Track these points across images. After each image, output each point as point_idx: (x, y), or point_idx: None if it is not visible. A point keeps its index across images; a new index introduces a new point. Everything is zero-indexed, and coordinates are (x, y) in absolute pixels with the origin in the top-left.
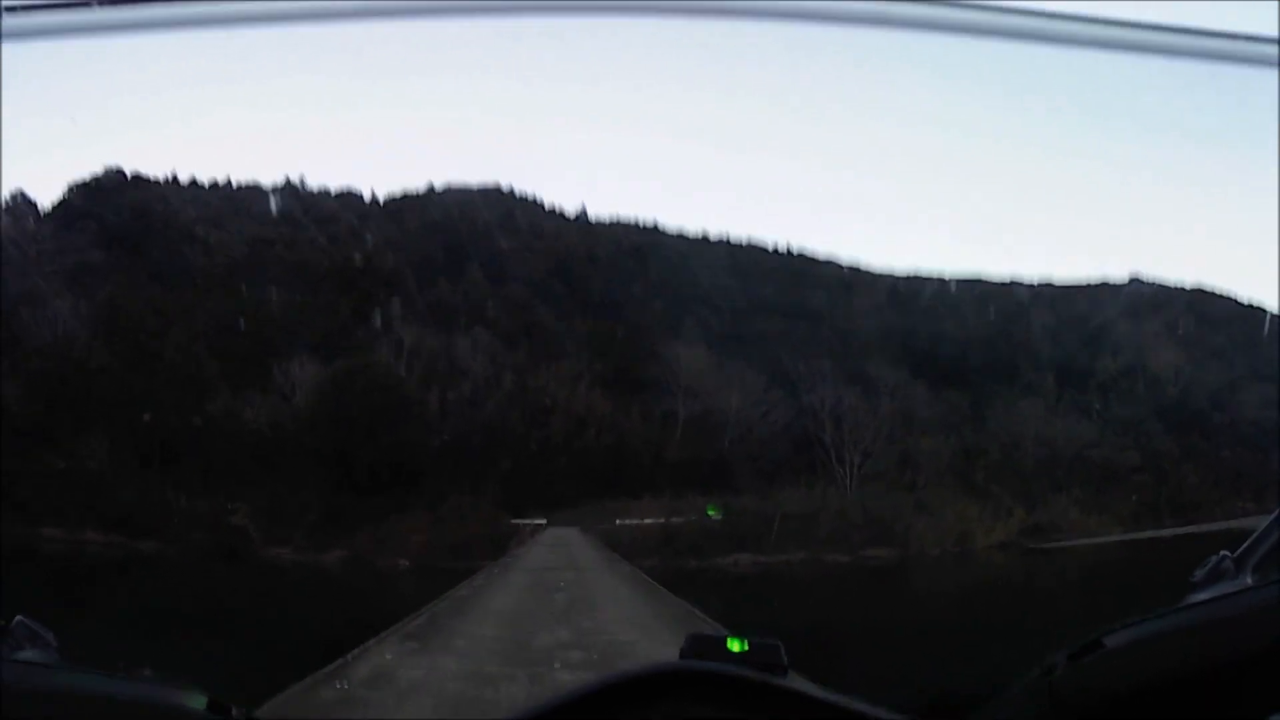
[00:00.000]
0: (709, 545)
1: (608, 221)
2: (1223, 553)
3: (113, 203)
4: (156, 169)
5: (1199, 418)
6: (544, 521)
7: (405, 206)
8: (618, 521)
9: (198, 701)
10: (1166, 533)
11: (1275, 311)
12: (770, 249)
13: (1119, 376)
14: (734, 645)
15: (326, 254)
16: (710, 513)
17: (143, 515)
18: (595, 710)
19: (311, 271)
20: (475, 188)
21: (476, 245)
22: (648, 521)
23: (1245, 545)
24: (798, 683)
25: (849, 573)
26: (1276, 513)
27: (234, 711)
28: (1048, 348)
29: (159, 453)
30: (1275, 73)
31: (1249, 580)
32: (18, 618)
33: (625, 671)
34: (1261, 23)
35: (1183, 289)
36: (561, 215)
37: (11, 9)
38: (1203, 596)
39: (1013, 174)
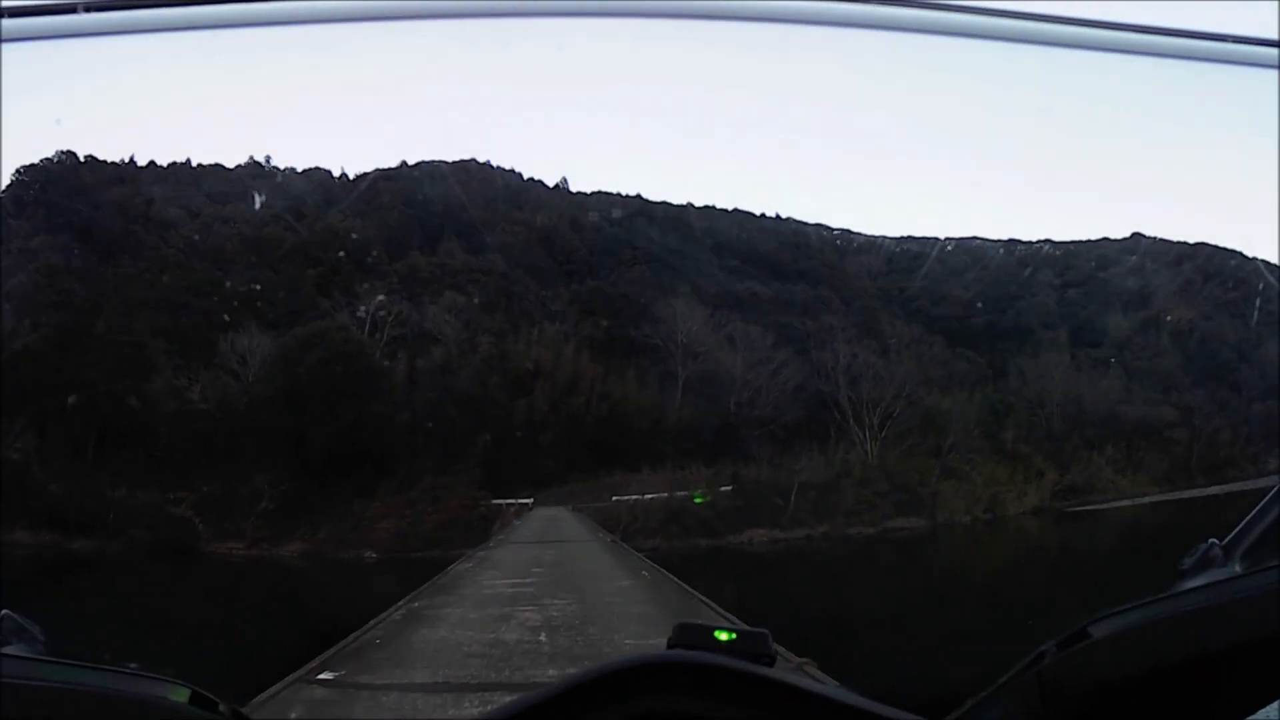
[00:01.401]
0: (720, 521)
1: (589, 192)
2: (1211, 540)
3: (63, 186)
4: (118, 153)
5: (1225, 370)
6: (530, 501)
7: (378, 184)
8: (614, 498)
9: (181, 695)
10: (1201, 492)
11: None
12: (758, 215)
13: (1135, 332)
14: (721, 635)
15: (291, 231)
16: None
17: (76, 511)
18: (582, 703)
19: (274, 248)
20: (451, 163)
21: (452, 218)
22: (648, 497)
23: (1235, 532)
24: (785, 673)
25: (875, 547)
26: (1266, 499)
27: (220, 707)
28: (1057, 304)
29: (93, 440)
30: (1276, 74)
31: (1238, 568)
32: (3, 611)
33: (611, 663)
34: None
35: (1186, 243)
36: (541, 184)
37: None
38: (1192, 584)
39: (1003, 139)
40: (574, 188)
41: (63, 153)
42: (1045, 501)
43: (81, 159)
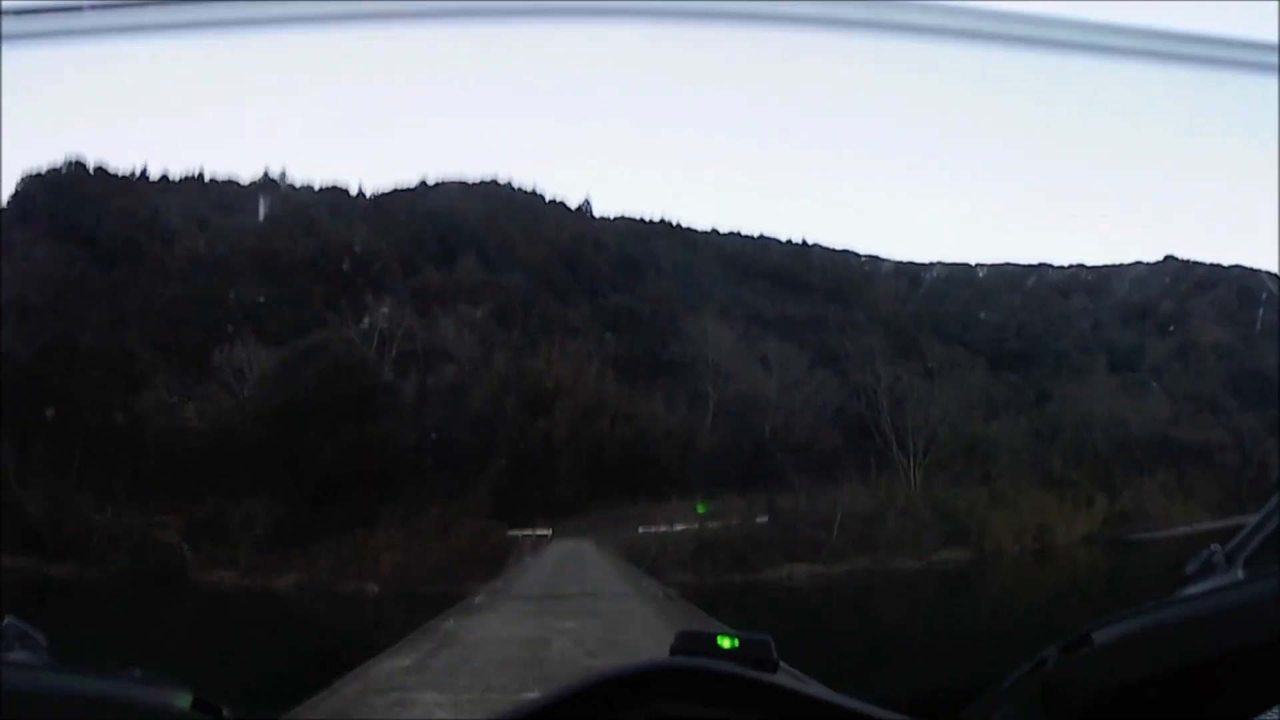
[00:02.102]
0: (755, 555)
1: (612, 217)
2: (1214, 546)
3: (69, 195)
4: (129, 162)
5: (1270, 392)
6: (548, 533)
7: (396, 201)
8: (640, 530)
9: (185, 701)
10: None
11: None
12: (784, 241)
13: (1173, 355)
14: (724, 642)
15: (302, 245)
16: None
17: (55, 533)
18: (585, 708)
19: (283, 262)
20: (471, 182)
21: (471, 235)
22: (678, 529)
23: (1237, 539)
24: (788, 680)
25: (921, 582)
26: (1268, 506)
27: (225, 714)
28: (1094, 328)
29: (77, 457)
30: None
31: (1240, 574)
32: (8, 619)
33: (615, 669)
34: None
35: (1221, 266)
36: (563, 206)
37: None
38: (1194, 590)
39: (1027, 163)
40: (596, 212)
41: (71, 162)
42: (1096, 530)
43: (90, 170)
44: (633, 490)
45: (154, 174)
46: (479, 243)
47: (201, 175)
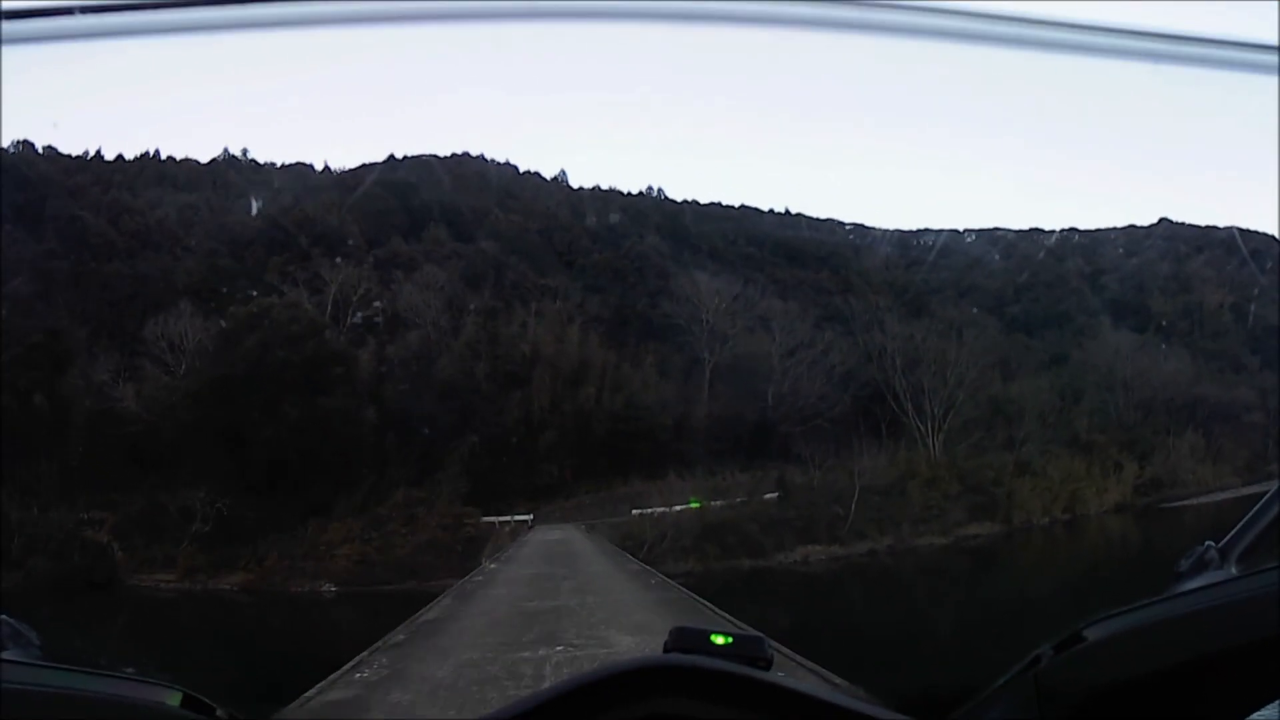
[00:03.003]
0: (766, 537)
1: (589, 187)
2: (1207, 542)
3: (14, 175)
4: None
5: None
6: (529, 518)
7: (363, 176)
8: (635, 512)
9: (176, 699)
10: None
11: None
12: (765, 211)
13: (1181, 314)
14: (718, 639)
15: (259, 219)
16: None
17: None
18: (580, 706)
19: (237, 236)
20: (443, 156)
21: (441, 207)
22: (677, 509)
23: (1230, 534)
24: (781, 677)
25: (950, 560)
26: (1260, 502)
27: (218, 712)
28: (1095, 290)
29: None
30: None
31: (1234, 570)
32: (1, 617)
33: (609, 667)
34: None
35: (1216, 228)
36: (539, 176)
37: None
38: (1187, 587)
39: (1014, 129)
40: (574, 183)
41: (18, 142)
42: (1127, 497)
43: (39, 150)
44: (624, 467)
45: (109, 156)
46: (449, 214)
47: (158, 154)
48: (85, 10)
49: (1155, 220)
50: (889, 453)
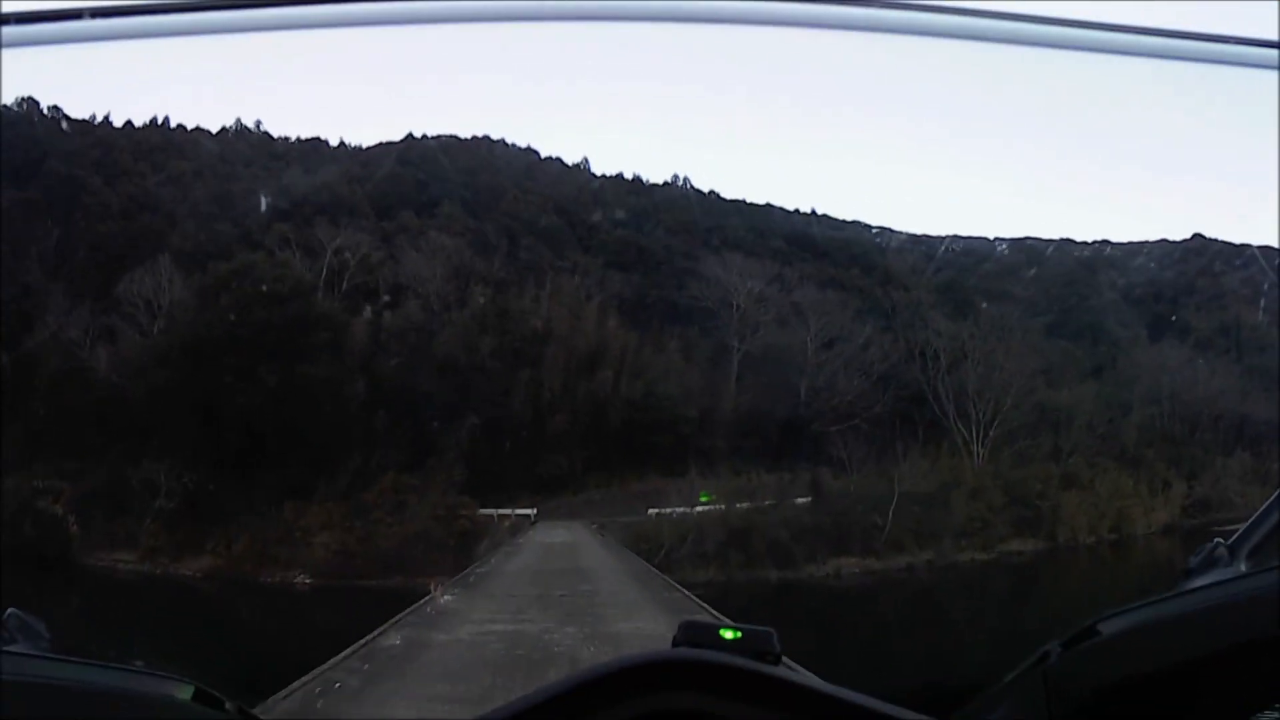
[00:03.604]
0: (797, 545)
1: (612, 175)
2: (1216, 539)
3: (16, 131)
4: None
5: None
6: (532, 512)
7: (379, 154)
8: (652, 511)
9: (186, 692)
10: None
11: None
12: (791, 210)
13: (1219, 331)
14: (726, 633)
15: (265, 187)
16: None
17: None
18: (589, 700)
19: (239, 202)
20: (462, 137)
21: (457, 185)
22: (698, 510)
23: (1240, 531)
24: (790, 671)
25: (991, 578)
26: (1271, 499)
27: (227, 705)
28: (1131, 302)
29: None
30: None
31: (1243, 567)
32: (10, 610)
33: (618, 661)
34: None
35: (1249, 246)
36: (560, 162)
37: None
38: (1195, 584)
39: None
40: (596, 170)
41: (22, 99)
42: (1175, 518)
43: (45, 109)
44: (640, 461)
45: (118, 122)
46: (465, 191)
47: (166, 122)
48: (95, 14)
49: (1189, 235)
50: (930, 459)
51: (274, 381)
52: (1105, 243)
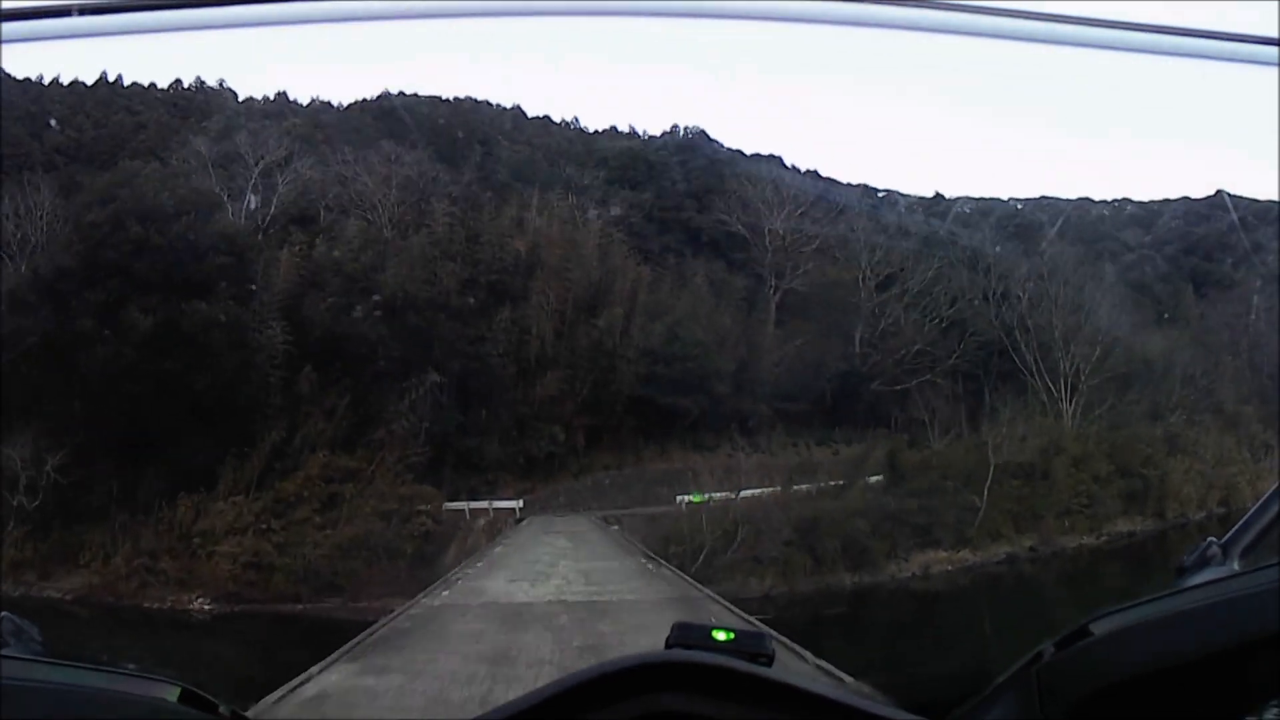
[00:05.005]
0: (873, 537)
1: (603, 129)
2: (1209, 539)
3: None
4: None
5: None
6: (517, 505)
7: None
8: (680, 499)
9: (173, 694)
10: None
11: None
12: (789, 167)
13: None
14: (720, 635)
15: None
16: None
17: None
18: (582, 702)
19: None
20: (445, 99)
21: (436, 139)
22: (742, 495)
23: (1232, 531)
24: (782, 673)
25: (1103, 567)
26: (1263, 498)
27: (220, 708)
28: (1169, 258)
29: None
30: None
31: (1237, 566)
32: (2, 614)
33: (611, 663)
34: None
35: (1274, 201)
36: (548, 120)
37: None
38: (1190, 582)
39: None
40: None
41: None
42: None
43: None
44: (660, 432)
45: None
46: (442, 145)
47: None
48: (84, 11)
49: (1212, 192)
50: (1016, 421)
51: (148, 324)
52: (1126, 200)
